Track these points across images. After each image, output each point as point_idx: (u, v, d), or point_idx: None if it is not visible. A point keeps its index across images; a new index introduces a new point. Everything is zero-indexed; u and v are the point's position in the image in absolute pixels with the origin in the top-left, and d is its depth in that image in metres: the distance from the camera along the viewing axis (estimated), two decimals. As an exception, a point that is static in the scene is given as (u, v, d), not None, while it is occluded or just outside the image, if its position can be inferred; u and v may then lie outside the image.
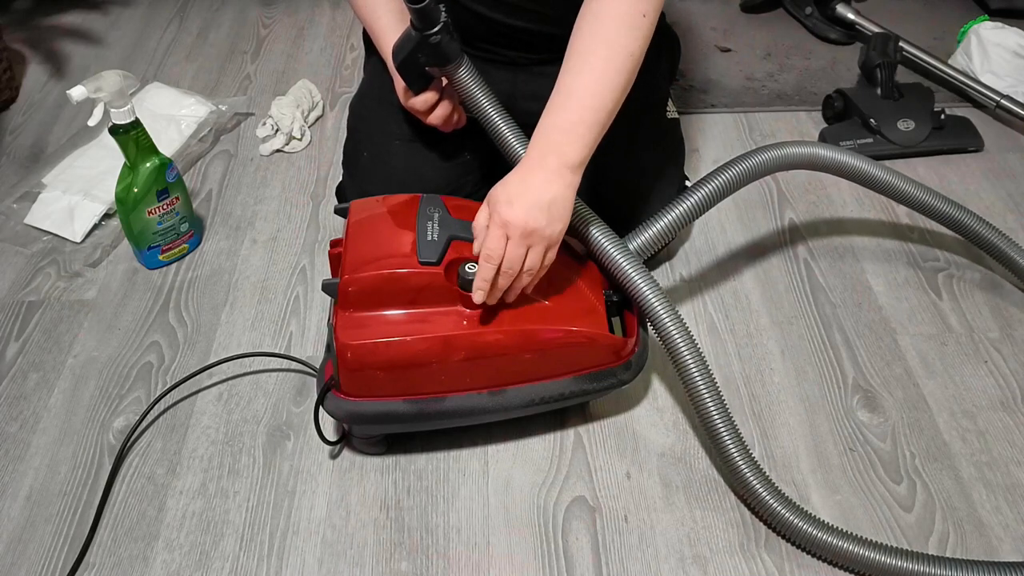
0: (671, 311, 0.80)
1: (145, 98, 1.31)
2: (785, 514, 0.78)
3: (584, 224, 0.82)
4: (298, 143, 1.30)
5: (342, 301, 0.77)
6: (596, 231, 0.82)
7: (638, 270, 0.81)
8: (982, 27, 1.40)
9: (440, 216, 0.81)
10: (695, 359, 0.79)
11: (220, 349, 1.00)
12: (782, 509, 0.78)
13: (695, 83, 1.43)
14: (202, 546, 0.81)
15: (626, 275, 0.81)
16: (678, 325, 0.79)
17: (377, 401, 0.81)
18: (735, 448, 0.79)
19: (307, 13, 1.65)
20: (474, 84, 0.83)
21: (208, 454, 0.89)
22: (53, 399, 0.95)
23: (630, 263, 0.81)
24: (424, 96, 0.89)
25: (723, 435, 0.80)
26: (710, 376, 0.80)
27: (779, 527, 0.79)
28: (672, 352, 0.80)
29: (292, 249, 1.13)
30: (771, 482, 0.79)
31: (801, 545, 0.79)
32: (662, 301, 0.80)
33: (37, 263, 1.11)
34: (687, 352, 0.79)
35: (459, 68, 0.83)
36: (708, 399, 0.79)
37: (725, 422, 0.80)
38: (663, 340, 0.80)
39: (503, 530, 0.82)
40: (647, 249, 0.87)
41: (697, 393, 0.80)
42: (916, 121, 1.26)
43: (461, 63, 0.83)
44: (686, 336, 0.79)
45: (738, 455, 0.79)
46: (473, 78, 0.83)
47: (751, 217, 1.17)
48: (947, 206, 0.99)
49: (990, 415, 0.92)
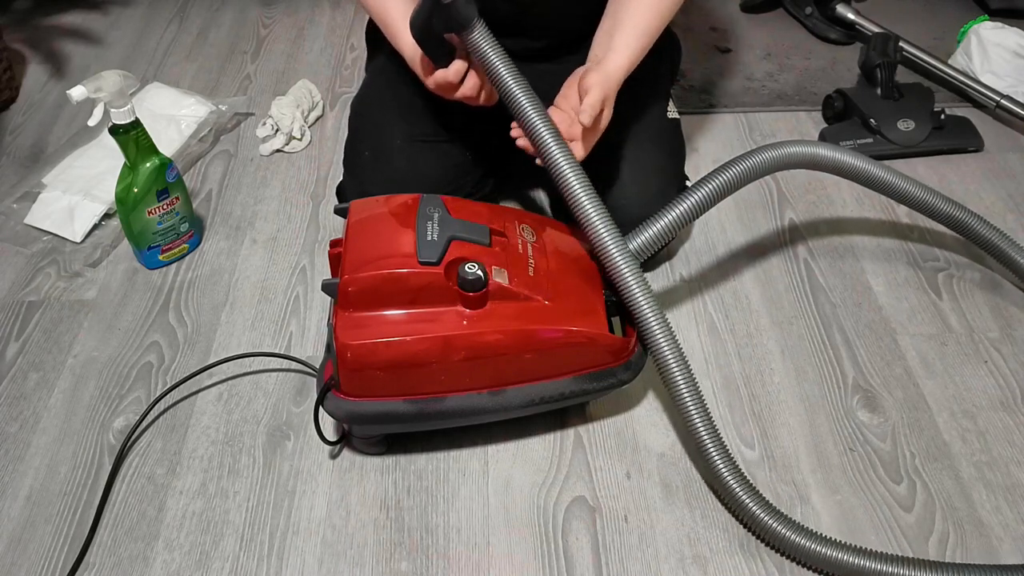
0: (658, 312, 0.81)
1: (145, 98, 1.31)
2: (762, 516, 0.78)
3: (586, 214, 0.82)
4: (298, 143, 1.30)
5: (342, 301, 0.77)
6: (598, 221, 0.82)
7: (632, 270, 0.81)
8: (982, 27, 1.40)
9: (440, 216, 0.81)
10: (679, 365, 0.80)
11: (220, 349, 1.00)
12: (760, 512, 0.78)
13: (695, 83, 1.43)
14: (202, 546, 0.81)
15: (620, 275, 0.81)
16: (664, 328, 0.80)
17: (377, 401, 0.81)
18: (717, 455, 0.80)
19: (307, 13, 1.65)
20: (490, 48, 0.82)
21: (208, 454, 0.89)
22: (53, 399, 0.95)
23: (626, 262, 0.81)
24: (455, 66, 0.87)
25: (707, 443, 0.80)
26: (691, 378, 0.81)
27: (761, 532, 0.80)
28: (655, 354, 0.81)
29: (292, 249, 1.13)
30: (752, 487, 0.80)
31: (784, 552, 0.80)
32: (650, 300, 0.81)
33: (37, 263, 1.11)
34: (671, 356, 0.80)
35: (473, 32, 0.81)
36: (691, 405, 0.80)
37: (708, 429, 0.80)
38: (646, 339, 0.81)
39: (503, 530, 0.82)
40: (647, 249, 0.87)
41: (680, 399, 0.81)
42: (916, 121, 1.26)
43: (476, 26, 0.81)
44: (671, 340, 0.80)
45: (720, 462, 0.80)
46: (490, 42, 0.82)
47: (751, 217, 1.17)
48: (947, 205, 0.99)
49: (990, 415, 0.92)
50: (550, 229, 0.91)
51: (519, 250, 0.84)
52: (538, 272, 0.83)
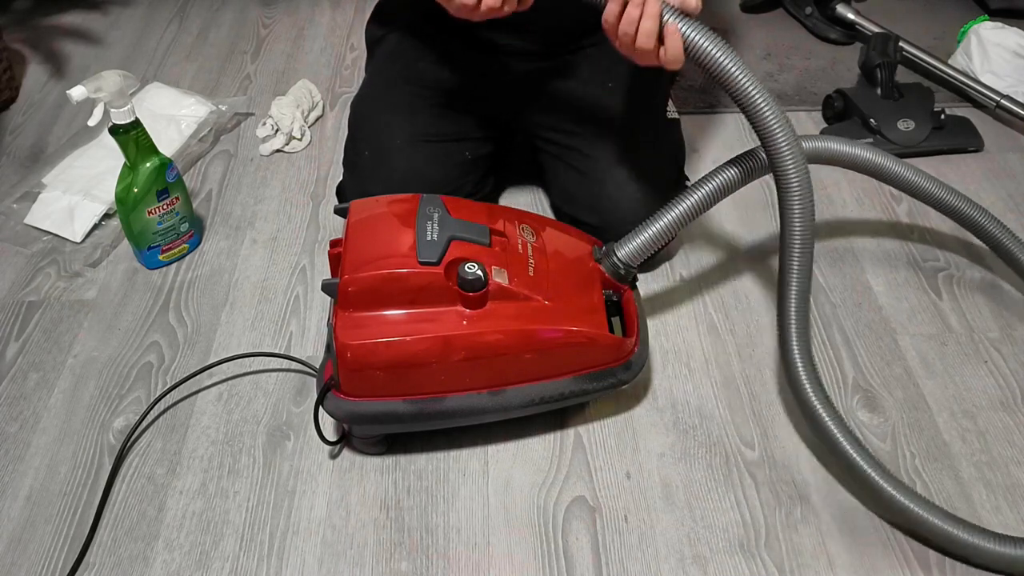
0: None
1: (145, 98, 1.31)
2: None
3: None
4: (298, 143, 1.30)
5: (342, 301, 0.77)
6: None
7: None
8: (982, 27, 1.40)
9: (440, 216, 0.81)
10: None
11: (220, 349, 1.00)
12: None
13: (695, 83, 1.43)
14: (202, 546, 0.81)
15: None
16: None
17: (377, 401, 0.81)
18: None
19: (307, 13, 1.65)
20: None
21: (208, 454, 0.89)
22: (53, 399, 0.95)
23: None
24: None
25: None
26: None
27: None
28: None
29: (292, 249, 1.13)
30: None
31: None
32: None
33: (37, 263, 1.11)
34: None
35: None
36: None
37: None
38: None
39: (503, 530, 0.82)
40: (646, 249, 0.87)
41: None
42: (916, 121, 1.26)
43: None
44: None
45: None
46: None
47: (751, 217, 1.17)
48: (952, 196, 0.96)
49: (990, 415, 0.92)
50: (550, 229, 0.91)
51: (519, 250, 0.84)
52: (538, 272, 0.83)
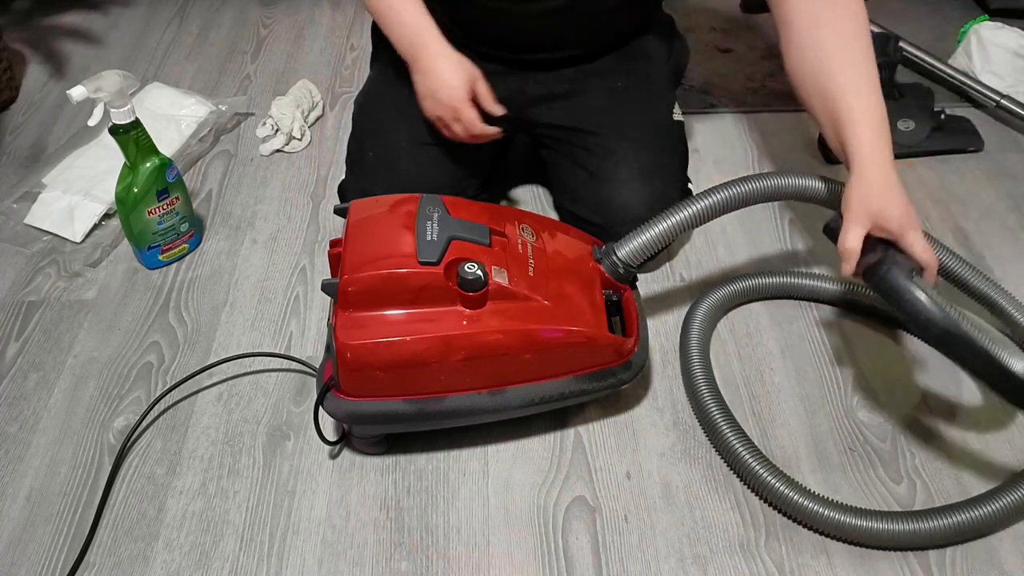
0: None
1: (145, 98, 1.31)
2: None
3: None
4: (298, 143, 1.30)
5: (342, 301, 0.77)
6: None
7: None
8: (982, 27, 1.40)
9: (440, 216, 0.81)
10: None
11: (220, 349, 1.00)
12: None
13: (695, 83, 1.43)
14: (202, 546, 0.81)
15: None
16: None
17: (377, 401, 0.81)
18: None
19: (307, 13, 1.65)
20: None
21: (208, 454, 0.89)
22: (53, 399, 0.95)
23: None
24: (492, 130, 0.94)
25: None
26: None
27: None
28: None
29: (292, 249, 1.13)
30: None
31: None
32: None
33: (37, 263, 1.11)
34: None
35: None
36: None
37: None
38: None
39: (503, 530, 0.82)
40: (646, 250, 0.86)
41: None
42: (916, 121, 1.26)
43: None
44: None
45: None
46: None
47: (751, 217, 1.17)
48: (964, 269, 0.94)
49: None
50: (550, 229, 0.91)
51: (519, 250, 0.84)
52: (538, 272, 0.83)
